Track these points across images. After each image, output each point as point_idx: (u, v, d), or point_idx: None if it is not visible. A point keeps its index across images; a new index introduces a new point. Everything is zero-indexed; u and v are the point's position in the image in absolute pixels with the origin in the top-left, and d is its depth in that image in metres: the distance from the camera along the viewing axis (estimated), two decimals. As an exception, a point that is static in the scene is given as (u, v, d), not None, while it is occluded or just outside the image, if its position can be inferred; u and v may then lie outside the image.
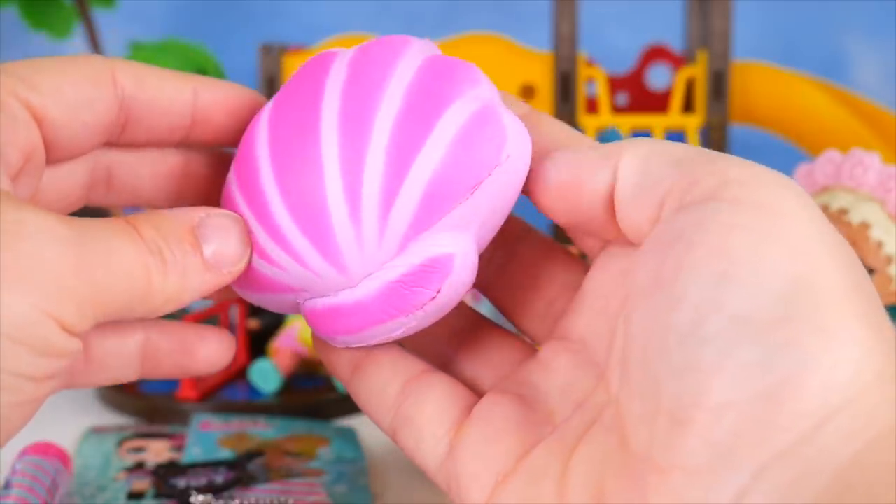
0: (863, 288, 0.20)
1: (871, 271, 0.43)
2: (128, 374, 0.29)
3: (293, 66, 0.63)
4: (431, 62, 0.26)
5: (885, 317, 0.20)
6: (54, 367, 0.23)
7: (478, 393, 0.28)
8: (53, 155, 0.27)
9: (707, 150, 0.23)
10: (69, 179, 0.28)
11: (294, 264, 0.26)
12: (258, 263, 0.27)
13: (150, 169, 0.30)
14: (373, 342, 0.27)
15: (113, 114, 0.27)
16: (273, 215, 0.26)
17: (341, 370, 0.29)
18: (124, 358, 0.29)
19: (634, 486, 0.20)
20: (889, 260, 0.43)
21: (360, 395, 0.29)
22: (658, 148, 0.24)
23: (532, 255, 0.29)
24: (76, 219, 0.24)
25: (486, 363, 0.29)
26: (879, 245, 0.43)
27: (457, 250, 0.25)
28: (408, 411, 0.27)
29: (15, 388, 0.22)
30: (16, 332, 0.22)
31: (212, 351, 0.30)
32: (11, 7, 0.69)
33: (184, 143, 0.29)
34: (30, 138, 0.25)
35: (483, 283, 0.30)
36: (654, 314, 0.20)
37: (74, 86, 0.26)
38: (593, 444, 0.23)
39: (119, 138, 0.28)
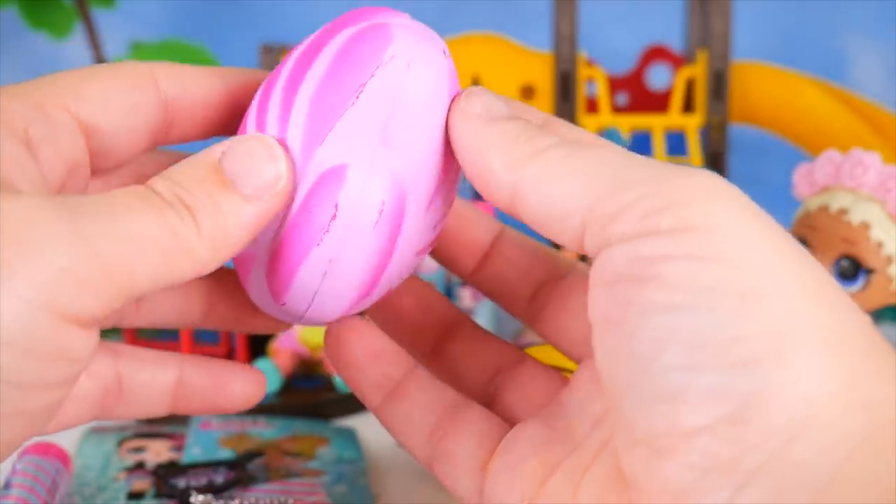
0: (821, 290, 0.20)
1: (871, 271, 0.43)
2: (158, 410, 0.28)
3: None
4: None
5: (849, 315, 0.20)
6: (65, 372, 0.21)
7: (513, 424, 0.27)
8: (101, 163, 0.26)
9: (609, 168, 0.22)
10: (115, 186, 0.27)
11: None
12: None
13: None
14: (319, 304, 0.26)
15: (159, 116, 0.26)
16: None
17: (370, 396, 0.28)
18: (156, 393, 0.27)
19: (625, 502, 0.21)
20: (889, 260, 0.43)
21: (394, 425, 0.28)
22: (552, 173, 0.22)
23: (576, 287, 0.28)
24: (71, 194, 0.23)
25: (524, 397, 0.28)
26: (879, 245, 0.43)
27: (350, 160, 0.24)
28: (446, 447, 0.27)
29: (13, 398, 0.20)
30: (10, 336, 0.19)
31: (243, 388, 0.29)
32: (11, 7, 0.69)
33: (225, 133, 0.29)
34: (75, 150, 0.25)
35: (530, 318, 0.29)
36: (613, 350, 0.21)
37: (119, 92, 0.25)
38: (603, 465, 0.23)
39: (166, 138, 0.28)
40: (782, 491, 0.18)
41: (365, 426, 0.46)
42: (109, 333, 0.65)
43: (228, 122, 0.28)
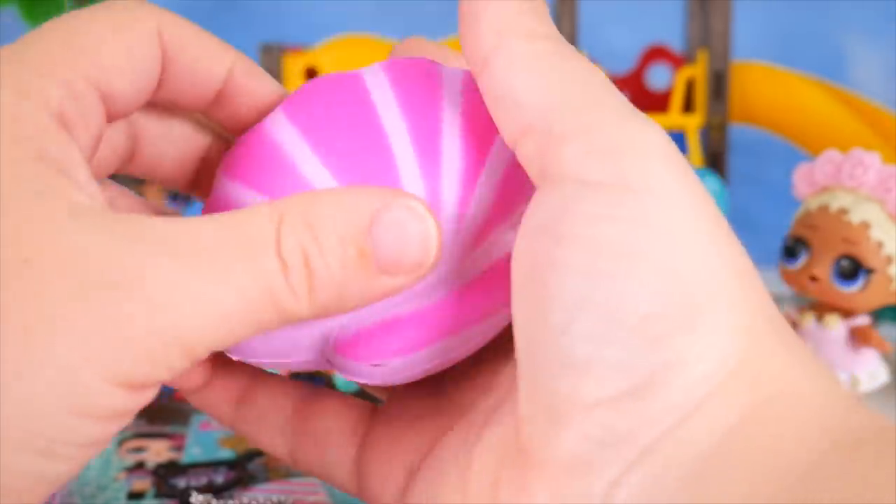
0: (736, 269, 0.20)
1: (871, 271, 0.43)
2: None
3: (293, 65, 0.63)
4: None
5: (757, 293, 0.20)
6: (115, 427, 0.19)
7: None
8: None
9: (582, 85, 0.21)
10: (110, 143, 0.25)
11: None
12: None
13: (175, 147, 0.26)
14: (425, 366, 0.24)
15: (157, 74, 0.24)
16: None
17: (221, 407, 0.26)
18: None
19: (522, 475, 0.20)
20: (889, 260, 0.43)
21: (249, 424, 0.26)
22: (529, 62, 0.21)
23: None
24: (149, 219, 0.19)
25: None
26: (879, 245, 0.43)
27: None
28: (308, 427, 0.25)
29: (68, 455, 0.18)
30: (71, 403, 0.18)
31: None
32: (11, 7, 0.69)
33: (195, 118, 0.27)
34: (100, 124, 0.22)
35: None
36: (532, 309, 0.20)
37: (130, 52, 0.22)
38: (497, 430, 0.22)
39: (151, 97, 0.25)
40: (667, 467, 0.18)
41: (365, 426, 0.46)
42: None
43: (211, 110, 0.26)
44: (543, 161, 0.20)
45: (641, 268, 0.19)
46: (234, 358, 0.25)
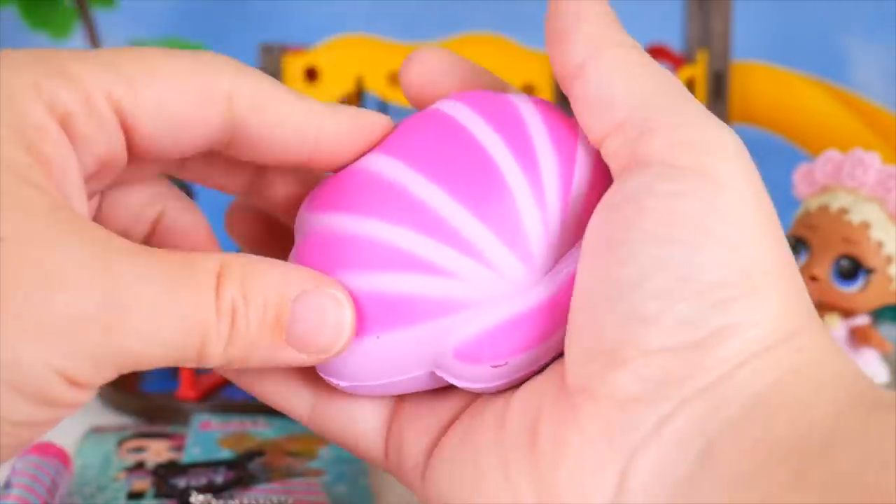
0: (785, 260, 0.23)
1: (871, 271, 0.43)
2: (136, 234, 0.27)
3: (293, 65, 0.63)
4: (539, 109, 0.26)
5: (798, 284, 0.23)
6: (55, 415, 0.21)
7: None
8: (138, 160, 0.24)
9: (668, 89, 0.24)
10: (133, 198, 0.26)
11: (473, 264, 0.24)
12: (402, 283, 0.24)
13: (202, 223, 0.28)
14: (543, 360, 0.25)
15: (215, 135, 0.24)
16: (446, 219, 0.24)
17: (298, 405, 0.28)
18: (135, 219, 0.27)
19: (568, 409, 0.22)
20: (889, 260, 0.43)
21: (265, 383, 0.27)
22: (623, 68, 0.24)
23: None
24: (114, 236, 0.21)
25: None
26: (879, 245, 0.43)
27: None
28: (334, 388, 0.27)
29: (7, 433, 0.20)
30: (18, 383, 0.19)
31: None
32: (11, 7, 0.69)
33: (299, 169, 0.27)
34: (110, 147, 0.23)
35: None
36: (604, 268, 0.22)
37: (180, 102, 0.23)
38: (532, 385, 0.24)
39: (223, 151, 0.25)
40: (716, 406, 0.21)
41: (365, 426, 0.46)
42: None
43: (310, 163, 0.26)
44: (634, 151, 0.23)
45: (711, 242, 0.22)
46: (343, 385, 0.26)
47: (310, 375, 0.27)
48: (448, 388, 0.27)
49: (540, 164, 0.25)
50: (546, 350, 0.25)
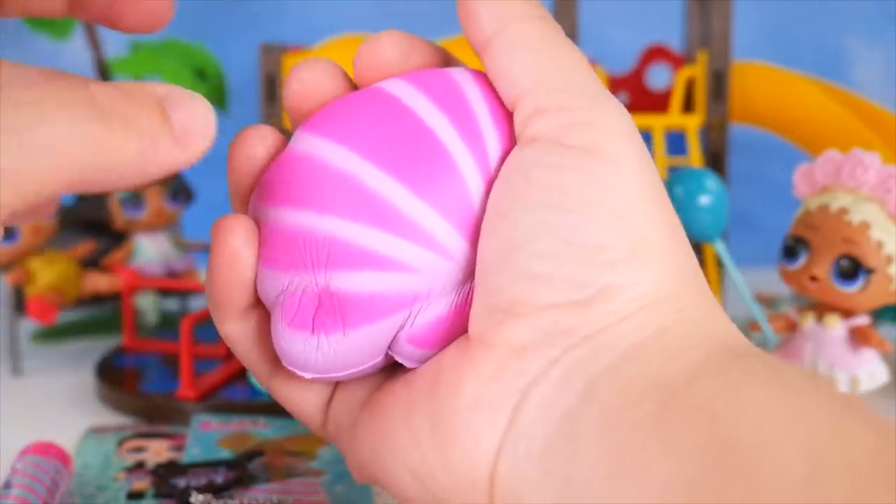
0: (670, 229, 0.25)
1: (871, 271, 0.43)
2: (53, 7, 0.27)
3: (293, 65, 0.63)
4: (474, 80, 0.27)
5: (684, 251, 0.25)
6: None
7: None
8: None
9: (564, 64, 0.25)
10: None
11: (433, 257, 0.25)
12: (367, 282, 0.25)
13: None
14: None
15: None
16: (404, 213, 0.24)
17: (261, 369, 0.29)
18: None
19: (467, 359, 0.24)
20: (889, 260, 0.43)
21: (242, 341, 0.28)
22: (524, 42, 0.25)
23: None
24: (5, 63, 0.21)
25: None
26: (879, 245, 0.43)
27: None
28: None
29: None
30: None
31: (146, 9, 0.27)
32: (11, 7, 0.69)
33: None
34: None
35: None
36: (498, 233, 0.24)
37: None
38: (443, 350, 0.26)
39: None
40: (601, 350, 0.23)
41: (365, 426, 0.46)
42: (106, 330, 0.65)
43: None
44: (527, 127, 0.24)
45: (598, 210, 0.23)
46: (308, 376, 0.26)
47: (271, 351, 0.28)
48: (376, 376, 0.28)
49: (487, 146, 0.25)
50: None
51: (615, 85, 0.70)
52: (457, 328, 0.26)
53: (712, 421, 0.20)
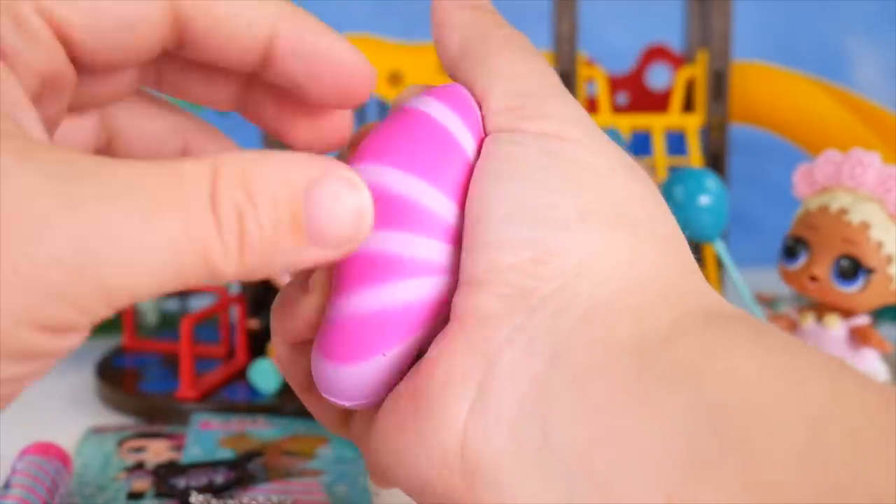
0: (635, 193, 0.25)
1: (871, 271, 0.43)
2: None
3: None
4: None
5: (649, 213, 0.25)
6: (40, 367, 0.19)
7: None
8: (87, 74, 0.23)
9: (544, 88, 0.26)
10: (80, 134, 0.25)
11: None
12: (407, 293, 0.25)
13: (150, 146, 0.26)
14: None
15: (160, 33, 0.23)
16: (454, 226, 0.25)
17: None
18: (156, 155, 0.26)
19: (442, 335, 0.24)
20: (889, 260, 0.43)
21: None
22: (489, 49, 0.27)
23: None
24: (77, 157, 0.19)
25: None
26: (879, 245, 0.43)
27: None
28: None
29: None
30: None
31: None
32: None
33: (249, 85, 0.26)
34: (51, 60, 0.21)
35: None
36: (471, 212, 0.25)
37: (114, 1, 0.21)
38: None
39: (177, 53, 0.24)
40: (562, 312, 0.23)
41: (365, 426, 0.46)
42: (106, 330, 0.65)
43: (266, 75, 0.25)
44: (489, 116, 0.26)
45: (552, 178, 0.24)
46: (347, 405, 0.26)
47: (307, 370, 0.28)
48: None
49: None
50: None
51: (615, 85, 0.70)
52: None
53: (696, 385, 0.20)
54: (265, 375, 0.51)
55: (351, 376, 0.25)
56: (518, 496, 0.22)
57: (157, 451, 0.44)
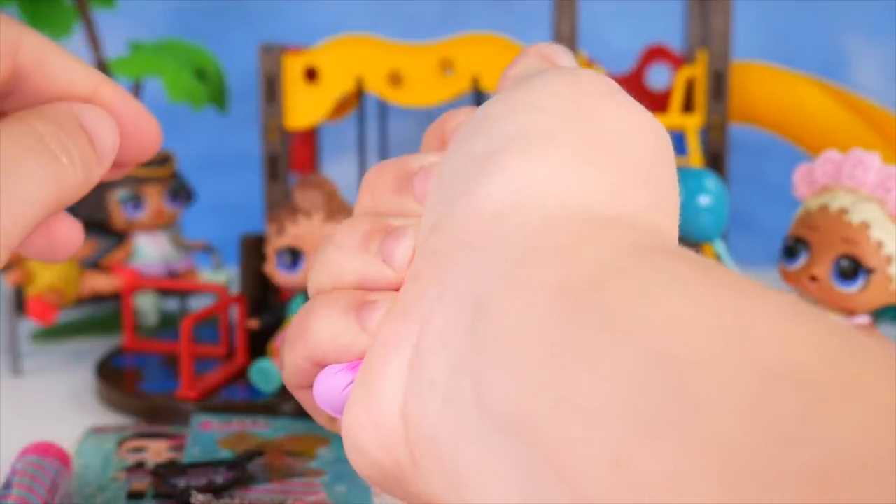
0: (600, 144, 0.23)
1: (871, 271, 0.43)
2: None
3: (293, 66, 0.63)
4: None
5: (612, 167, 0.23)
6: None
7: None
8: None
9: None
10: None
11: None
12: None
13: None
14: None
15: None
16: None
17: None
18: None
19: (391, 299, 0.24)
20: (889, 260, 0.43)
21: None
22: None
23: None
24: None
25: None
26: (879, 245, 0.43)
27: None
28: None
29: None
30: None
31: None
32: (11, 7, 0.69)
33: None
34: None
35: None
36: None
37: None
38: None
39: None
40: (488, 258, 0.22)
41: (365, 426, 0.46)
42: (106, 330, 0.65)
43: None
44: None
45: (502, 125, 0.24)
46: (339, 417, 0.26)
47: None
48: None
49: None
50: None
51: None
52: None
53: (634, 332, 0.18)
54: (265, 375, 0.51)
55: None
56: (461, 464, 0.21)
57: (157, 451, 0.44)
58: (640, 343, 0.18)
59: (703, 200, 0.48)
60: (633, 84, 0.71)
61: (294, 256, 0.52)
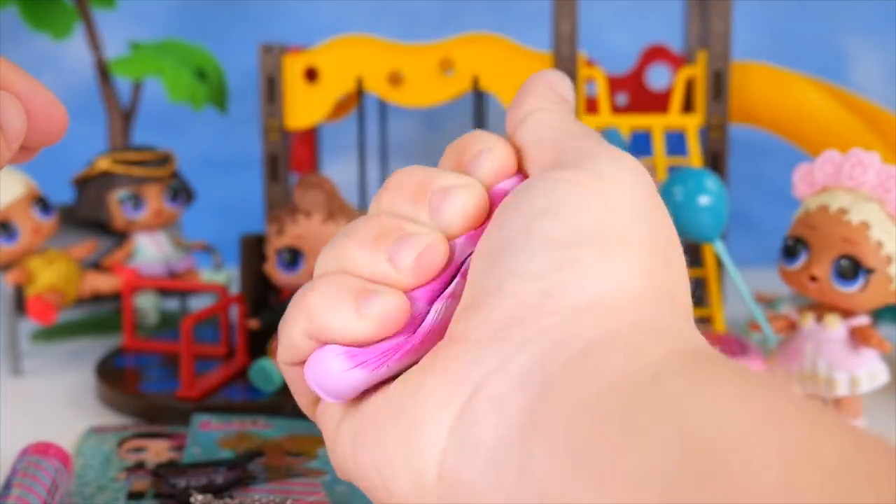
0: (654, 243, 0.26)
1: (871, 271, 0.43)
2: None
3: (293, 66, 0.63)
4: None
5: (662, 258, 0.26)
6: None
7: None
8: None
9: (585, 139, 0.28)
10: None
11: None
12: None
13: None
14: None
15: None
16: None
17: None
18: None
19: (431, 356, 0.25)
20: (889, 260, 0.43)
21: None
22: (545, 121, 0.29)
23: None
24: None
25: None
26: (879, 245, 0.43)
27: None
28: None
29: None
30: None
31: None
32: (11, 7, 0.69)
33: None
34: None
35: None
36: (489, 235, 0.26)
37: None
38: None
39: None
40: (558, 345, 0.23)
41: (365, 426, 0.46)
42: (106, 330, 0.65)
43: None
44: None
45: (578, 214, 0.25)
46: (330, 399, 0.27)
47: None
48: None
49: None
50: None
51: (615, 85, 0.70)
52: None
53: (681, 418, 0.20)
54: (265, 375, 0.51)
55: (353, 379, 0.26)
56: None
57: (157, 451, 0.44)
58: (684, 426, 0.20)
59: (703, 200, 0.48)
60: (633, 84, 0.71)
61: (294, 256, 0.52)
